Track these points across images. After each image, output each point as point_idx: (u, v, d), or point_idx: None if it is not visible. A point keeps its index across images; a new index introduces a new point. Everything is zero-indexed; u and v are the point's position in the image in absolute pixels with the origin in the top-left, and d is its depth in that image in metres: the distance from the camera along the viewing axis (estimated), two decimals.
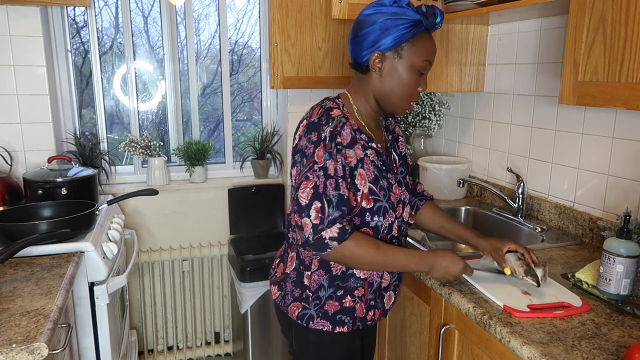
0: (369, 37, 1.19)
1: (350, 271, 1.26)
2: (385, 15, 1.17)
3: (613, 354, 0.98)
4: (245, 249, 2.50)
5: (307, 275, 1.27)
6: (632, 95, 1.13)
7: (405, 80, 1.21)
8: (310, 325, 1.27)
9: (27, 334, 1.04)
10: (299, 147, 1.19)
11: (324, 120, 1.18)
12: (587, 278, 1.29)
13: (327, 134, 1.16)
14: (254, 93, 2.78)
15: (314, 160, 1.15)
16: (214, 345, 2.72)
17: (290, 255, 1.32)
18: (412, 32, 1.18)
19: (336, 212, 1.14)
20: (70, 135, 2.37)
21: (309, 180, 1.14)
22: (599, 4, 1.20)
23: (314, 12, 2.20)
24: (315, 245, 1.14)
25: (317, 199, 1.13)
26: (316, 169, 1.14)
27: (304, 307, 1.28)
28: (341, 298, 1.26)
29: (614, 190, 1.57)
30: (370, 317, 1.31)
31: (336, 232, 1.13)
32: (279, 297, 1.34)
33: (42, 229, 1.57)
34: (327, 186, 1.14)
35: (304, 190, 1.14)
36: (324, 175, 1.14)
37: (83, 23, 2.40)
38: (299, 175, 1.17)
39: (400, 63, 1.20)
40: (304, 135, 1.18)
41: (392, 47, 1.19)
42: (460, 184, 2.06)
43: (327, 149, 1.15)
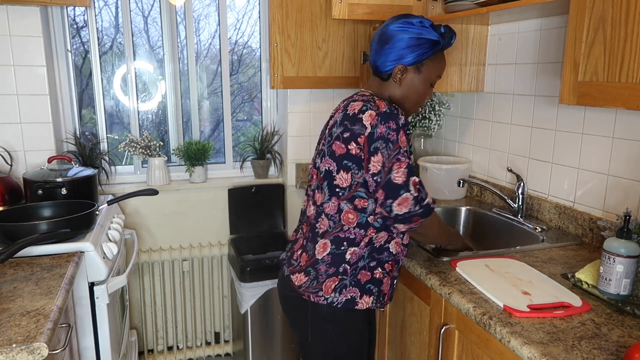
0: (395, 51, 1.35)
1: (387, 245, 1.37)
2: (412, 35, 1.33)
3: (613, 354, 0.98)
4: (245, 249, 2.50)
5: (351, 251, 1.34)
6: (632, 95, 1.13)
7: (420, 91, 1.40)
8: (342, 293, 1.33)
9: (27, 334, 1.04)
10: (379, 134, 1.27)
11: (395, 110, 1.30)
12: (587, 278, 1.29)
13: (403, 122, 1.29)
14: (254, 93, 2.78)
15: (400, 146, 1.26)
16: (214, 345, 2.72)
17: (321, 242, 1.36)
18: (432, 51, 1.36)
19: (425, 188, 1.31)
20: (70, 135, 2.37)
21: (402, 162, 1.26)
22: (599, 4, 1.20)
23: (314, 12, 2.20)
24: (424, 212, 1.27)
25: (412, 175, 1.26)
26: (403, 152, 1.27)
27: (341, 279, 1.34)
28: (373, 269, 1.36)
29: (614, 190, 1.57)
30: (388, 297, 1.42)
31: (432, 199, 1.30)
32: (307, 281, 1.37)
33: (42, 229, 1.57)
34: (413, 167, 1.29)
35: (398, 171, 1.25)
36: (408, 157, 1.28)
37: (83, 23, 2.40)
38: (388, 159, 1.26)
39: (418, 77, 1.38)
40: (381, 124, 1.27)
41: (414, 63, 1.36)
42: (460, 184, 2.06)
43: (405, 135, 1.29)
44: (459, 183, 2.06)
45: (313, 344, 1.43)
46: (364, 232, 1.34)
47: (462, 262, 1.42)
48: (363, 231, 1.33)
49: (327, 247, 1.36)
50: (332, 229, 1.35)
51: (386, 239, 1.36)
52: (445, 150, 2.45)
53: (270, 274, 2.25)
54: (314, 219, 1.40)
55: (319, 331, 1.39)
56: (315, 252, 1.37)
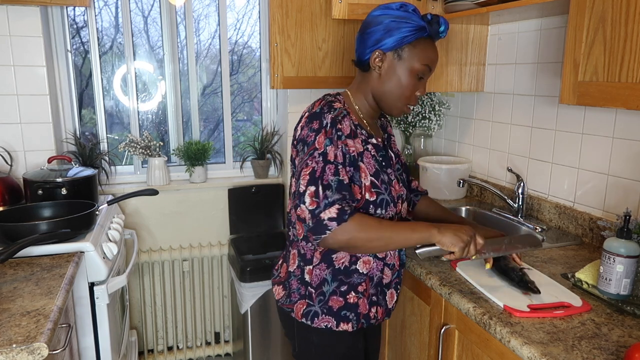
0: (373, 36, 1.24)
1: (353, 266, 1.26)
2: (391, 17, 1.22)
3: (613, 354, 0.98)
4: (245, 249, 2.50)
5: (308, 270, 1.27)
6: (632, 95, 1.13)
7: (403, 81, 1.24)
8: (315, 322, 1.27)
9: (27, 334, 1.04)
10: (301, 136, 1.22)
11: (325, 109, 1.21)
12: (587, 278, 1.29)
13: (329, 121, 1.18)
14: (254, 93, 2.78)
15: (315, 147, 1.16)
16: (214, 345, 2.72)
17: (292, 253, 1.32)
18: (414, 35, 1.22)
19: (335, 194, 1.13)
20: (70, 135, 2.37)
21: (308, 167, 1.16)
22: (599, 4, 1.20)
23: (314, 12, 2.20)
24: (315, 229, 1.12)
25: (312, 183, 1.14)
26: (316, 155, 1.16)
27: (308, 304, 1.28)
28: (345, 294, 1.27)
29: (614, 190, 1.57)
30: (374, 315, 1.31)
31: (335, 212, 1.11)
32: (283, 296, 1.34)
33: (42, 229, 1.56)
34: (326, 171, 1.14)
35: (303, 178, 1.16)
36: (323, 160, 1.15)
37: (83, 23, 2.40)
38: (300, 163, 1.20)
39: (399, 64, 1.24)
40: (306, 125, 1.21)
41: (393, 47, 1.22)
42: (460, 184, 2.06)
43: (327, 135, 1.17)
44: (459, 183, 2.06)
45: (300, 354, 1.38)
46: (312, 247, 1.25)
47: (462, 262, 1.42)
48: (310, 245, 1.25)
49: (295, 259, 1.30)
50: (296, 237, 1.28)
51: (350, 260, 1.25)
52: (445, 150, 2.45)
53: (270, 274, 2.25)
54: (288, 226, 1.31)
55: (304, 342, 1.34)
56: (289, 263, 1.33)
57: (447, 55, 2.03)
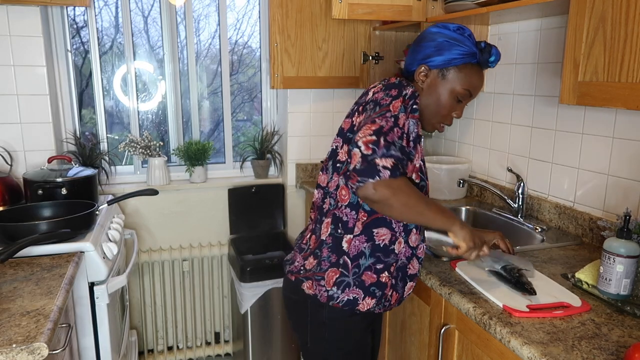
0: (424, 50, 1.27)
1: (392, 246, 1.27)
2: (445, 37, 1.25)
3: (613, 354, 0.98)
4: (245, 249, 2.50)
5: (347, 238, 1.26)
6: (632, 95, 1.13)
7: (442, 100, 1.28)
8: (345, 292, 1.26)
9: (27, 334, 1.04)
10: (374, 99, 1.21)
11: (405, 82, 1.23)
12: (587, 278, 1.29)
13: (409, 92, 1.20)
14: (254, 93, 2.78)
15: (389, 109, 1.16)
16: (214, 345, 2.72)
17: (325, 222, 1.32)
18: (463, 60, 1.25)
19: (397, 152, 1.11)
20: (70, 135, 2.37)
21: (375, 124, 1.13)
22: (599, 4, 1.20)
23: (314, 12, 2.20)
24: (365, 171, 1.08)
25: (374, 135, 1.10)
26: (388, 116, 1.15)
27: (342, 274, 1.27)
28: (380, 272, 1.27)
29: (614, 190, 1.57)
30: (389, 299, 1.32)
31: (390, 164, 1.08)
32: (315, 265, 1.31)
33: (42, 229, 1.57)
34: (394, 131, 1.13)
35: (365, 130, 1.12)
36: (394, 122, 1.14)
37: (83, 23, 2.40)
38: (365, 119, 1.16)
39: (442, 83, 1.27)
40: (382, 91, 1.21)
41: (440, 66, 1.26)
42: (460, 184, 2.06)
43: (404, 103, 1.18)
44: (459, 183, 2.06)
45: (312, 348, 1.40)
46: (355, 215, 1.26)
47: (462, 262, 1.42)
48: (354, 213, 1.26)
49: (328, 227, 1.30)
50: (332, 206, 1.30)
51: (390, 239, 1.27)
52: (445, 150, 2.45)
53: (270, 274, 2.25)
54: (321, 200, 1.35)
55: (317, 336, 1.36)
56: (321, 232, 1.33)
57: None
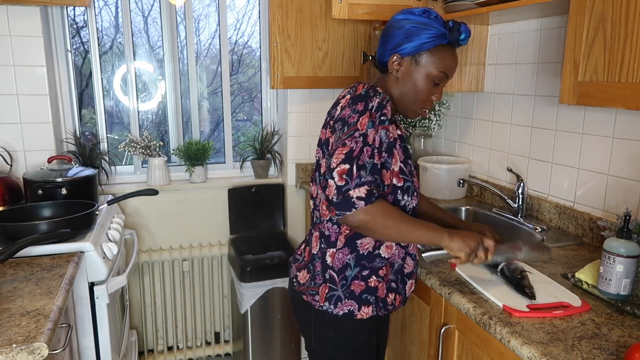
0: (393, 40, 1.27)
1: (377, 251, 1.28)
2: (412, 23, 1.24)
3: (613, 354, 0.98)
4: (245, 249, 2.50)
5: (330, 252, 1.28)
6: (632, 95, 1.13)
7: (419, 86, 1.27)
8: (338, 306, 1.28)
9: (27, 334, 1.04)
10: (341, 116, 1.21)
11: (371, 92, 1.21)
12: (587, 278, 1.29)
13: (375, 104, 1.19)
14: (254, 93, 2.78)
15: (357, 128, 1.16)
16: (214, 345, 2.72)
17: (314, 235, 1.34)
18: (434, 42, 1.24)
19: (368, 176, 1.14)
20: (70, 135, 2.37)
21: (345, 147, 1.15)
22: (599, 4, 1.20)
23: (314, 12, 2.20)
24: (341, 205, 1.13)
25: (347, 162, 1.13)
26: (356, 135, 1.16)
27: (330, 289, 1.28)
28: (367, 278, 1.28)
29: (614, 190, 1.57)
30: (391, 301, 1.33)
31: (364, 192, 1.12)
32: (308, 279, 1.33)
33: (42, 229, 1.57)
34: (364, 152, 1.15)
35: (337, 155, 1.15)
36: (363, 141, 1.16)
37: (83, 23, 2.40)
38: (336, 142, 1.19)
39: (416, 69, 1.26)
40: (348, 106, 1.21)
41: (411, 53, 1.25)
42: (460, 184, 2.06)
43: (371, 118, 1.17)
44: (459, 183, 2.06)
45: (316, 348, 1.40)
46: (337, 229, 1.27)
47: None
48: (336, 227, 1.27)
49: (317, 241, 1.32)
50: (318, 220, 1.32)
51: (374, 245, 1.28)
52: (445, 150, 2.45)
53: (270, 274, 2.25)
54: (312, 211, 1.37)
55: (321, 336, 1.36)
56: (312, 246, 1.35)
57: None
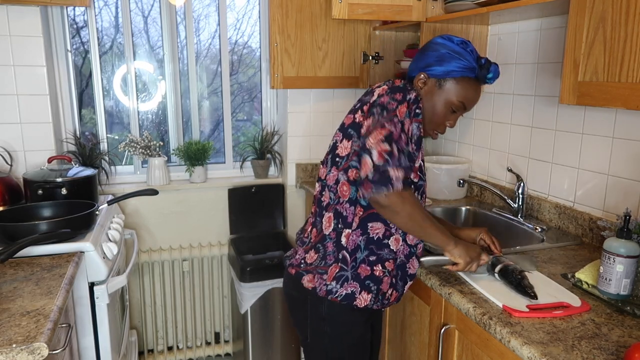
0: (426, 59, 1.31)
1: (386, 240, 1.31)
2: (448, 49, 1.29)
3: (613, 354, 0.98)
4: (245, 249, 2.50)
5: (346, 233, 1.31)
6: (632, 95, 1.13)
7: (437, 109, 1.32)
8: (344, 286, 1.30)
9: (27, 334, 1.04)
10: (380, 102, 1.24)
11: (409, 87, 1.28)
12: (587, 278, 1.29)
13: (413, 97, 1.24)
14: (254, 93, 2.78)
15: (396, 114, 1.20)
16: (214, 345, 2.72)
17: (326, 216, 1.35)
18: (462, 72, 1.28)
19: (406, 161, 1.18)
20: (70, 135, 2.37)
21: (385, 129, 1.18)
22: (599, 4, 1.20)
23: (314, 12, 2.20)
24: (378, 182, 1.14)
25: (387, 142, 1.16)
26: (395, 121, 1.19)
27: (341, 268, 1.31)
28: (373, 264, 1.31)
29: (614, 190, 1.57)
30: (388, 296, 1.35)
31: (402, 175, 1.16)
32: (317, 259, 1.35)
33: (42, 229, 1.57)
34: (402, 138, 1.19)
35: (375, 136, 1.17)
36: (401, 129, 1.20)
37: (83, 23, 2.40)
38: (374, 124, 1.20)
39: (438, 92, 1.31)
40: (387, 94, 1.25)
41: (438, 76, 1.30)
42: (460, 184, 2.06)
43: (408, 108, 1.22)
44: (459, 183, 2.06)
45: (312, 344, 1.42)
46: (353, 210, 1.30)
47: None
48: (353, 208, 1.30)
49: (331, 222, 1.34)
50: (333, 201, 1.33)
51: (384, 233, 1.31)
52: (445, 150, 2.45)
53: (270, 274, 2.25)
54: (319, 193, 1.39)
55: (317, 331, 1.39)
56: (323, 227, 1.36)
57: None
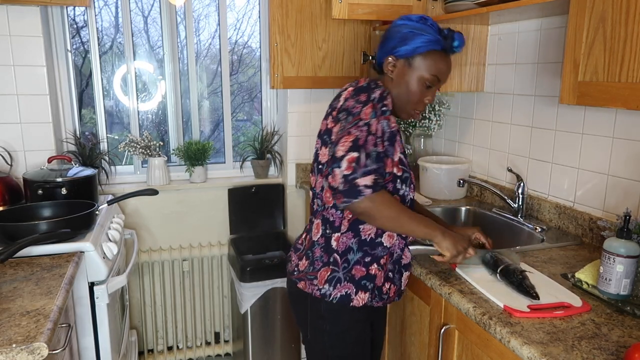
0: (390, 43, 1.33)
1: (379, 239, 1.32)
2: (409, 28, 1.30)
3: (613, 354, 0.98)
4: (245, 249, 2.50)
5: (335, 237, 1.32)
6: (632, 95, 1.13)
7: (411, 88, 1.32)
8: (337, 288, 1.31)
9: (27, 334, 1.04)
10: (345, 106, 1.26)
11: (373, 85, 1.29)
12: (587, 278, 1.29)
13: (377, 95, 1.26)
14: (254, 93, 2.78)
15: (360, 118, 1.22)
16: (214, 345, 2.72)
17: (315, 223, 1.37)
18: (427, 47, 1.29)
19: (374, 164, 1.19)
20: (70, 135, 2.37)
21: (351, 135, 1.20)
22: (599, 4, 1.20)
23: (314, 12, 2.20)
24: (348, 192, 1.16)
25: (354, 150, 1.18)
26: (361, 124, 1.21)
27: (332, 270, 1.32)
28: (368, 265, 1.32)
29: (614, 190, 1.57)
30: (386, 290, 1.36)
31: (371, 181, 1.17)
32: (307, 266, 1.37)
33: (42, 229, 1.57)
34: (368, 141, 1.20)
35: (343, 144, 1.19)
36: (367, 130, 1.20)
37: (83, 23, 2.40)
38: (340, 130, 1.23)
39: (409, 72, 1.31)
40: (352, 97, 1.27)
41: (405, 55, 1.31)
42: (460, 184, 2.06)
43: (374, 108, 1.23)
44: (459, 183, 2.06)
45: (312, 341, 1.43)
46: (340, 214, 1.31)
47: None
48: (340, 213, 1.31)
49: (319, 228, 1.36)
50: (320, 207, 1.36)
51: (376, 232, 1.32)
52: (445, 150, 2.45)
53: (270, 274, 2.25)
54: (312, 201, 1.42)
55: (317, 329, 1.39)
56: (313, 233, 1.38)
57: None
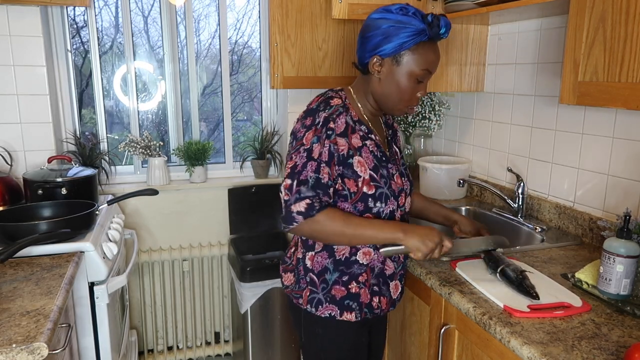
0: (372, 40, 1.23)
1: (354, 257, 1.29)
2: (390, 22, 1.20)
3: (613, 354, 0.98)
4: (245, 249, 2.50)
5: (309, 256, 1.32)
6: (632, 95, 1.13)
7: (402, 86, 1.25)
8: (319, 309, 1.30)
9: (27, 334, 1.04)
10: (293, 130, 1.28)
11: (321, 107, 1.24)
12: (587, 278, 1.29)
13: (321, 119, 1.21)
14: (254, 93, 2.78)
15: (302, 143, 1.21)
16: (214, 345, 2.72)
17: (293, 240, 1.39)
18: (414, 40, 1.20)
19: (309, 191, 1.18)
20: (70, 135, 2.37)
21: (291, 161, 1.22)
22: (599, 4, 1.20)
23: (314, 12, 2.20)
24: (285, 218, 1.20)
25: (290, 177, 1.20)
26: (301, 150, 1.20)
27: (311, 291, 1.31)
28: (347, 283, 1.30)
29: (614, 190, 1.57)
30: (377, 305, 1.33)
31: (303, 207, 1.18)
32: (293, 282, 1.36)
33: (42, 229, 1.56)
34: (307, 167, 1.19)
35: (285, 170, 1.23)
36: (307, 157, 1.20)
37: (83, 23, 2.40)
38: (287, 155, 1.26)
39: (398, 70, 1.24)
40: (300, 120, 1.26)
41: (392, 53, 1.22)
42: (460, 184, 2.06)
43: (316, 133, 1.20)
44: (459, 183, 2.06)
45: (307, 346, 1.41)
46: None
47: (461, 262, 1.42)
48: None
49: (299, 246, 1.36)
50: None
51: (350, 251, 1.29)
52: (445, 150, 2.45)
53: (270, 274, 2.25)
54: None
55: (311, 334, 1.37)
56: (298, 249, 1.37)
57: (447, 55, 2.03)
